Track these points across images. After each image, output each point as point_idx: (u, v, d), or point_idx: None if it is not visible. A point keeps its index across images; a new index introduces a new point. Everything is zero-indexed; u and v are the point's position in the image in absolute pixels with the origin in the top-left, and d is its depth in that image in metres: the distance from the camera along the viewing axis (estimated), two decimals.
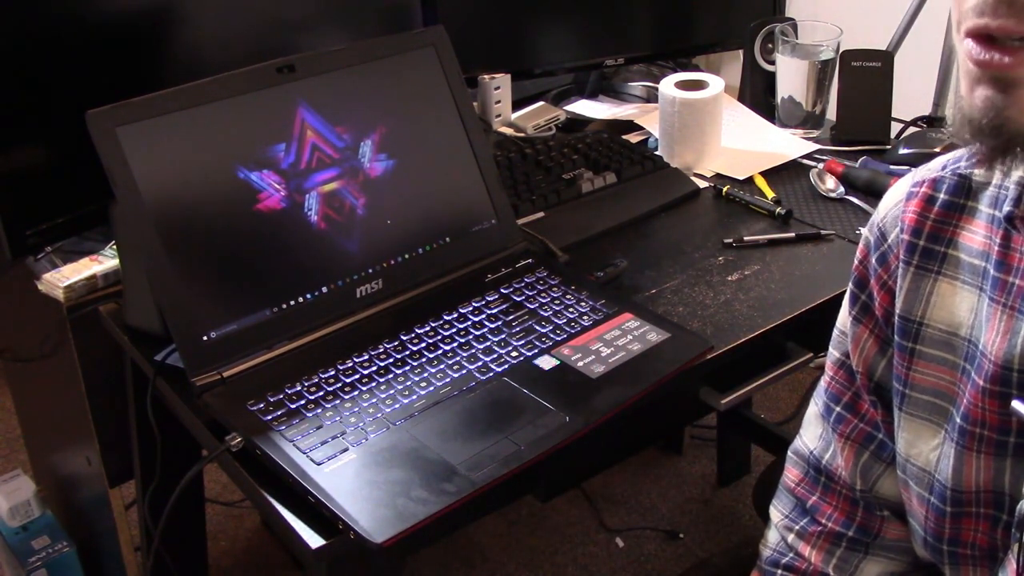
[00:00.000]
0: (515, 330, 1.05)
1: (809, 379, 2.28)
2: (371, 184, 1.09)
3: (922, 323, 0.78)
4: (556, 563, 1.85)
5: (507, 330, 1.05)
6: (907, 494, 0.83)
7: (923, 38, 1.98)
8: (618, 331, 1.04)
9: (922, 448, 0.80)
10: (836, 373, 0.89)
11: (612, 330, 1.04)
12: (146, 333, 1.07)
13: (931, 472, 0.79)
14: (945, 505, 0.77)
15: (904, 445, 0.81)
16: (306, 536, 0.84)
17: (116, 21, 1.12)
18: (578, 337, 1.03)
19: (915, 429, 0.80)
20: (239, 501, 1.94)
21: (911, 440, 0.80)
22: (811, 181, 1.39)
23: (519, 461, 0.88)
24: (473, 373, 0.99)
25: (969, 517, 0.77)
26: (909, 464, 0.81)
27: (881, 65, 1.49)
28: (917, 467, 0.80)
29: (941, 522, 0.78)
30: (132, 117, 0.96)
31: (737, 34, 1.58)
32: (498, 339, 1.03)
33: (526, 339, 1.03)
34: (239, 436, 0.90)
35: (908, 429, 0.81)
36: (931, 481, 0.79)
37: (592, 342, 1.02)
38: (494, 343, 1.03)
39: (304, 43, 1.27)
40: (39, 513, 1.63)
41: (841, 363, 0.88)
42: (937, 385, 0.78)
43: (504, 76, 1.55)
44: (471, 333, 1.04)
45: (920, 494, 0.80)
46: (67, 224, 1.13)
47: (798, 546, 0.92)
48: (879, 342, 0.84)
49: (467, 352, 1.01)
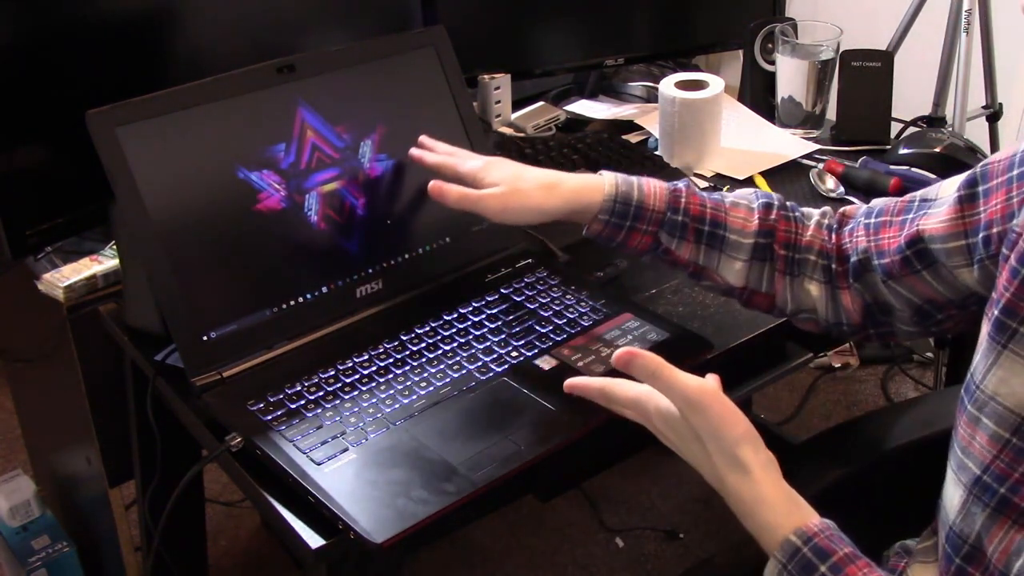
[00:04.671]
0: (515, 330, 1.05)
1: (809, 379, 2.28)
2: (371, 184, 1.09)
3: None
4: (556, 563, 1.85)
5: (507, 330, 1.05)
6: (971, 431, 0.79)
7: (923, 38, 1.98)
8: (618, 331, 1.04)
9: (1016, 388, 0.75)
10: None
11: (612, 330, 1.04)
12: (146, 333, 1.07)
13: (1022, 415, 0.75)
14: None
15: (995, 382, 0.77)
16: (306, 536, 0.84)
17: (116, 21, 1.12)
18: (578, 337, 1.03)
19: (1015, 368, 0.76)
20: (239, 501, 1.94)
21: (1005, 378, 0.76)
22: (811, 181, 1.39)
23: (519, 461, 0.88)
24: (473, 373, 0.99)
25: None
26: (993, 402, 0.77)
27: (881, 65, 1.49)
28: (1004, 407, 0.76)
29: (1017, 463, 0.75)
30: (132, 117, 0.96)
31: (737, 34, 1.58)
32: (498, 339, 1.03)
33: (526, 339, 1.03)
34: (239, 436, 0.90)
35: (1005, 367, 0.76)
36: (1019, 424, 0.75)
37: (592, 342, 1.02)
38: (494, 343, 1.03)
39: (304, 43, 1.27)
40: (39, 513, 1.63)
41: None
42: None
43: (504, 76, 1.55)
44: (471, 333, 1.04)
45: (996, 433, 0.76)
46: (67, 224, 1.13)
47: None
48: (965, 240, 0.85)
49: (467, 352, 1.01)
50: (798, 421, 2.18)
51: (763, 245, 0.96)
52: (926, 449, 1.03)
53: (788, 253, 0.97)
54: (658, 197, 0.97)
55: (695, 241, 0.97)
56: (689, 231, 0.96)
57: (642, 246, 0.98)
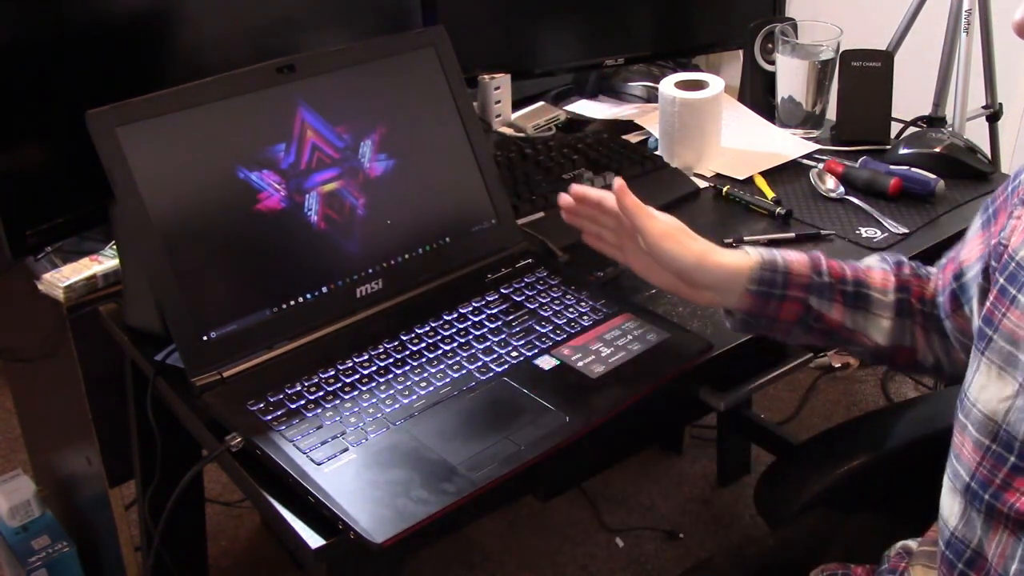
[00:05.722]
0: (515, 330, 1.05)
1: (809, 379, 2.28)
2: (371, 184, 1.09)
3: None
4: (556, 563, 1.85)
5: (507, 330, 1.05)
6: (961, 438, 0.82)
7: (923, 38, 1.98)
8: (618, 331, 1.04)
9: (992, 395, 0.79)
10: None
11: (612, 330, 1.04)
12: (146, 333, 1.07)
13: (998, 422, 0.78)
14: (1011, 455, 0.76)
15: (976, 389, 0.80)
16: (306, 536, 0.84)
17: (116, 21, 1.12)
18: (578, 337, 1.03)
19: (990, 375, 0.79)
20: (239, 501, 1.94)
21: (984, 384, 0.80)
22: (811, 181, 1.39)
23: (519, 461, 0.88)
24: (473, 373, 0.99)
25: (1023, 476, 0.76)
26: (975, 409, 0.80)
27: (881, 65, 1.49)
28: (983, 413, 0.79)
29: (997, 470, 0.77)
30: (132, 117, 0.96)
31: (737, 34, 1.58)
32: (498, 339, 1.03)
33: (526, 339, 1.03)
34: (239, 436, 0.90)
35: (984, 373, 0.80)
36: (997, 430, 0.78)
37: (592, 342, 1.02)
38: (494, 343, 1.03)
39: (304, 43, 1.27)
40: (39, 513, 1.63)
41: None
42: (1022, 339, 0.77)
43: (504, 76, 1.55)
44: (471, 333, 1.04)
45: (978, 440, 0.79)
46: (67, 224, 1.13)
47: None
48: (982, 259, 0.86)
49: (467, 352, 1.01)
50: (798, 421, 2.18)
51: (904, 300, 0.96)
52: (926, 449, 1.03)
53: (923, 307, 0.97)
54: (800, 262, 0.96)
55: (843, 302, 0.96)
56: (836, 292, 0.96)
57: (793, 315, 0.96)
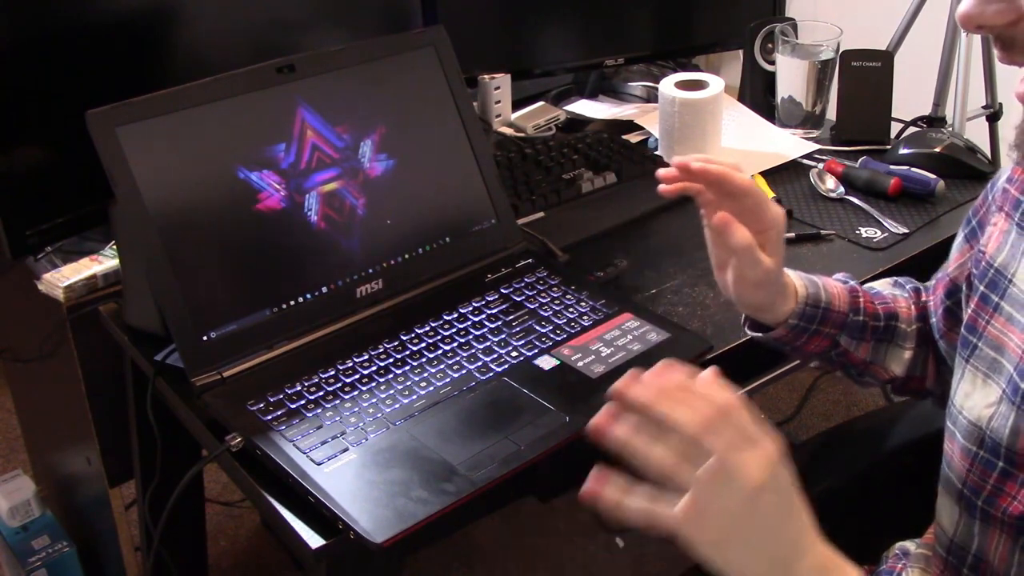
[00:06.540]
0: (515, 330, 1.05)
1: (809, 379, 2.28)
2: (371, 184, 1.09)
3: (1011, 280, 0.79)
4: (556, 563, 1.85)
5: (507, 330, 1.05)
6: (951, 445, 0.82)
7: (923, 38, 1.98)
8: (618, 331, 1.04)
9: (976, 402, 0.79)
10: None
11: (612, 330, 1.04)
12: (146, 333, 1.07)
13: (983, 428, 0.78)
14: (998, 460, 0.76)
15: (961, 396, 0.81)
16: (306, 536, 0.84)
17: (116, 21, 1.12)
18: (578, 337, 1.03)
19: (975, 382, 0.80)
20: (239, 501, 1.94)
21: (968, 392, 0.80)
22: (811, 181, 1.39)
23: (519, 461, 0.88)
24: (473, 373, 0.99)
25: (1014, 482, 0.76)
26: (961, 416, 0.80)
27: (881, 65, 1.49)
28: (968, 420, 0.79)
29: (986, 476, 0.78)
30: (132, 117, 0.96)
31: (737, 34, 1.58)
32: (498, 339, 1.03)
33: (526, 339, 1.03)
34: (239, 436, 0.90)
35: (969, 381, 0.80)
36: (982, 436, 0.78)
37: (592, 342, 1.02)
38: (494, 343, 1.03)
39: (304, 43, 1.27)
40: (39, 513, 1.63)
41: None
42: (1006, 344, 0.78)
43: (504, 76, 1.55)
44: (471, 333, 1.04)
45: (966, 447, 0.79)
46: (67, 224, 1.13)
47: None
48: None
49: (467, 352, 1.01)
50: (798, 421, 2.18)
51: (923, 329, 0.96)
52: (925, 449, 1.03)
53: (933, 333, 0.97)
54: (841, 299, 0.94)
55: (871, 339, 0.95)
56: (868, 330, 0.95)
57: (819, 348, 0.95)
